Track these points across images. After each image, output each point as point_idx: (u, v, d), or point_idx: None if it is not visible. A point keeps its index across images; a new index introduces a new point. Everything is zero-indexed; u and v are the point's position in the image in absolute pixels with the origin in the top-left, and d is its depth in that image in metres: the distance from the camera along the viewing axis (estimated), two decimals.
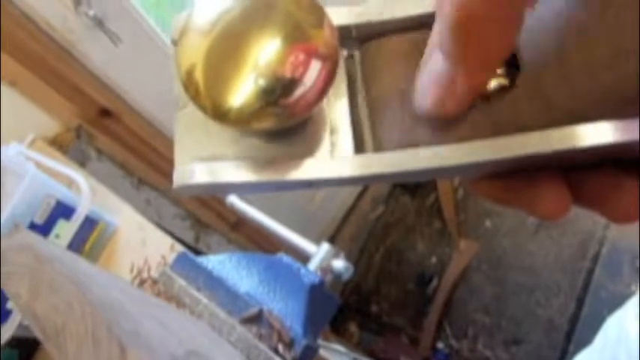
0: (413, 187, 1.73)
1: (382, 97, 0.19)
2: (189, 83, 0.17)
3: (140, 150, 1.03)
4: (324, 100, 0.18)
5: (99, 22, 0.91)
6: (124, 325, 0.27)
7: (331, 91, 0.18)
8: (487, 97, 0.18)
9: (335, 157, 0.19)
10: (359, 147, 0.19)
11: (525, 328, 1.44)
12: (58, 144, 0.89)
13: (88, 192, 0.63)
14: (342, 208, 1.63)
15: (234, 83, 0.16)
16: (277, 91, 0.16)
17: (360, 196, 1.66)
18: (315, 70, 0.16)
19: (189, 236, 1.18)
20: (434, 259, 1.62)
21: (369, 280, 1.66)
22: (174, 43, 0.19)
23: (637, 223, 0.18)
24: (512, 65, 0.18)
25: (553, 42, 0.16)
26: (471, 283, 1.54)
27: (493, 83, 0.18)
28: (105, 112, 0.97)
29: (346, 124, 0.19)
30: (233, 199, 0.61)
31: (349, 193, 1.63)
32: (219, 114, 0.17)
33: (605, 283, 1.40)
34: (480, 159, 0.16)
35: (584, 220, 1.48)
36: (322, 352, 0.60)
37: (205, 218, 1.20)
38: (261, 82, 0.16)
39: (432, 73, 0.17)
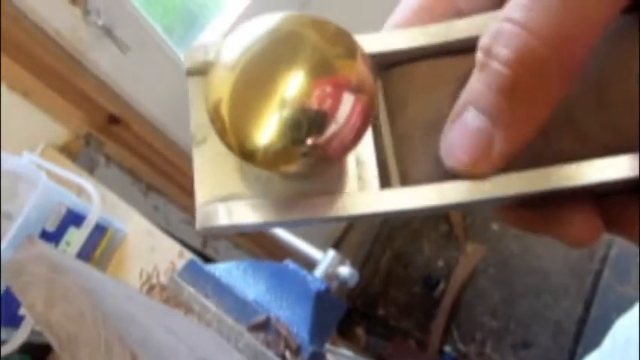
0: None
1: (408, 128, 0.18)
2: (215, 118, 0.16)
3: (148, 156, 1.05)
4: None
5: (108, 31, 0.92)
6: (135, 334, 0.28)
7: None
8: None
9: (364, 192, 0.18)
10: (385, 181, 0.18)
11: (533, 331, 1.44)
12: (67, 151, 0.90)
13: (98, 200, 0.64)
14: None
15: (260, 120, 0.15)
16: (304, 126, 0.15)
17: None
18: (347, 104, 0.15)
19: (196, 241, 1.19)
20: (441, 263, 1.62)
21: (375, 284, 1.66)
22: (190, 73, 0.18)
23: None
24: None
25: (592, 71, 0.16)
26: (478, 287, 1.54)
27: None
28: (113, 119, 0.98)
29: (371, 156, 0.18)
30: None
31: None
32: (244, 152, 0.16)
33: (614, 285, 1.40)
34: (510, 192, 0.16)
35: None
36: (329, 356, 0.61)
37: None
38: (287, 117, 0.15)
39: (467, 130, 0.16)
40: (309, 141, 0.15)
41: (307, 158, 0.15)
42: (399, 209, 0.17)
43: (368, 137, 0.18)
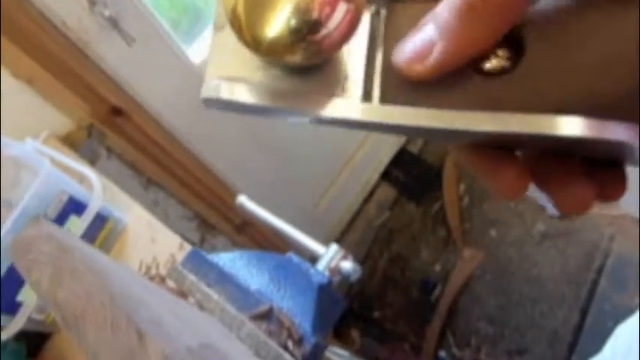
0: (418, 195, 1.73)
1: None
2: (233, 18, 0.19)
3: (149, 150, 1.04)
4: (346, 49, 0.21)
5: (113, 23, 0.92)
6: (142, 313, 0.27)
7: (353, 42, 0.21)
8: (486, 74, 0.19)
9: (346, 100, 0.21)
10: (366, 97, 0.21)
11: (529, 339, 1.44)
12: (69, 142, 0.90)
13: (99, 189, 0.64)
14: (347, 214, 1.63)
15: (270, 19, 0.19)
16: (304, 26, 0.18)
17: (366, 202, 1.67)
18: (340, 12, 0.19)
19: (194, 237, 1.19)
20: (438, 267, 1.62)
21: (372, 286, 1.66)
22: None
23: None
24: (517, 50, 0.19)
25: (558, 37, 0.18)
26: (474, 292, 1.54)
27: (495, 63, 0.19)
28: (116, 111, 0.98)
29: (360, 74, 0.21)
30: (243, 200, 0.61)
31: (355, 198, 1.64)
32: (256, 46, 0.19)
33: (610, 295, 1.40)
34: (465, 127, 0.18)
35: (590, 231, 1.48)
36: (327, 354, 0.60)
37: (211, 220, 1.21)
38: (292, 20, 0.18)
39: (418, 37, 0.19)
40: (307, 38, 0.19)
41: (304, 51, 0.19)
42: (372, 121, 0.20)
43: (361, 57, 0.22)
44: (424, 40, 0.19)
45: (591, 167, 0.20)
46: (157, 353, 0.24)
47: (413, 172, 1.71)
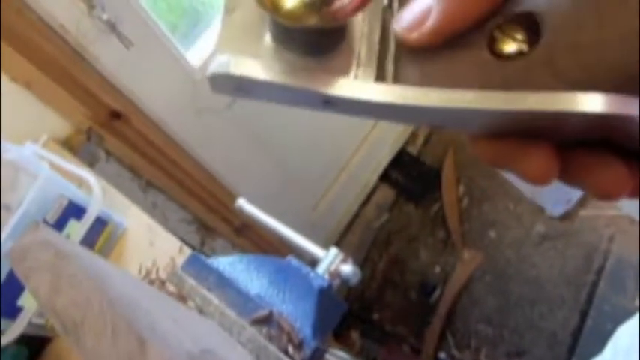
0: (417, 197, 1.73)
1: None
2: None
3: (148, 153, 1.04)
4: (359, 32, 0.21)
5: (112, 26, 0.92)
6: (142, 320, 0.27)
7: (366, 26, 0.21)
8: (503, 57, 0.19)
9: (358, 79, 0.20)
10: (379, 78, 0.21)
11: (528, 340, 1.44)
12: (68, 145, 0.90)
13: (99, 193, 0.64)
14: (346, 216, 1.63)
15: None
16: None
17: (365, 204, 1.67)
18: None
19: (194, 240, 1.19)
20: (437, 269, 1.62)
21: (372, 288, 1.66)
22: None
23: None
24: (534, 33, 0.19)
25: (572, 15, 0.17)
26: (474, 294, 1.54)
27: (512, 47, 0.19)
28: (115, 115, 0.98)
29: (373, 55, 0.21)
30: (242, 203, 0.61)
31: (354, 200, 1.64)
32: (275, 7, 0.19)
33: (609, 296, 1.40)
34: (482, 107, 0.18)
35: (589, 232, 1.48)
36: (327, 356, 0.60)
37: (211, 222, 1.21)
38: None
39: (417, 4, 0.19)
40: (323, 7, 0.18)
41: (319, 17, 0.19)
42: (386, 101, 0.19)
43: (374, 42, 0.21)
44: (421, 6, 0.19)
45: (619, 156, 0.19)
46: None
47: (412, 173, 1.71)
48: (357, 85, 0.20)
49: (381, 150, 1.64)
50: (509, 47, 0.19)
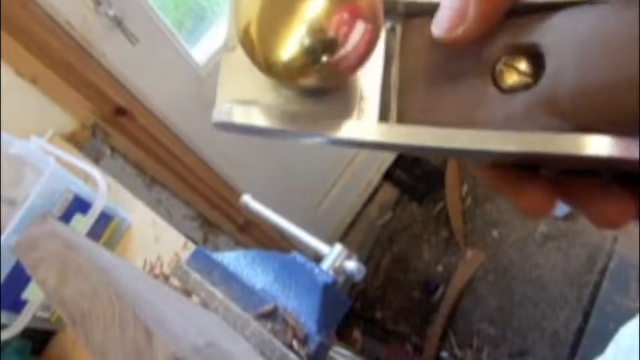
0: (421, 196, 1.73)
1: (414, 74, 0.20)
2: (245, 39, 0.18)
3: (153, 149, 1.05)
4: (361, 71, 0.20)
5: (118, 22, 0.92)
6: (149, 312, 0.27)
7: (369, 60, 0.20)
8: (507, 90, 0.19)
9: (360, 121, 0.20)
10: (383, 116, 0.20)
11: (530, 340, 1.43)
12: (74, 141, 0.90)
13: (104, 188, 0.64)
14: (350, 215, 1.63)
15: (284, 40, 0.17)
16: (320, 47, 0.17)
17: (368, 202, 1.67)
18: (358, 32, 0.17)
19: (197, 236, 1.19)
20: (440, 268, 1.62)
21: (374, 287, 1.66)
22: None
23: None
24: (539, 66, 0.18)
25: (580, 53, 0.17)
26: (476, 293, 1.54)
27: (516, 79, 0.19)
28: (120, 111, 0.98)
29: (376, 93, 0.21)
30: (247, 199, 0.61)
31: (357, 199, 1.64)
32: (269, 68, 0.18)
33: (612, 297, 1.40)
34: (484, 147, 0.18)
35: (592, 233, 1.48)
36: (330, 353, 0.60)
37: (214, 219, 1.21)
38: (307, 40, 0.17)
39: (451, 4, 0.18)
40: (323, 59, 0.18)
41: (319, 74, 0.18)
42: (390, 142, 0.19)
43: (377, 76, 0.21)
44: (458, 4, 0.18)
45: (620, 182, 0.19)
46: (165, 353, 0.24)
47: (415, 172, 1.71)
48: (361, 126, 0.19)
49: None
50: (514, 79, 0.19)
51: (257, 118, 0.20)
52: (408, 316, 1.59)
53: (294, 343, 0.39)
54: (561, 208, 1.51)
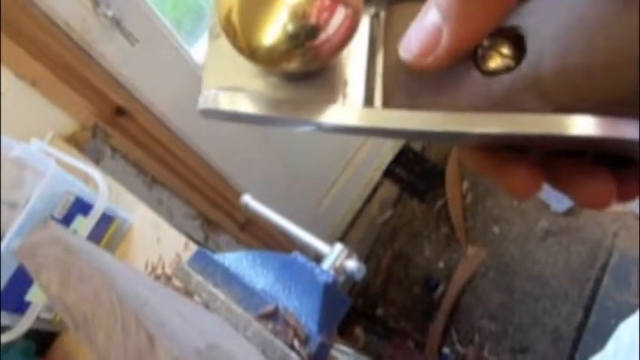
0: (421, 193, 1.73)
1: (398, 59, 0.20)
2: (227, 26, 0.18)
3: (153, 149, 1.05)
4: (345, 52, 0.20)
5: (116, 23, 0.92)
6: (150, 315, 0.28)
7: (352, 46, 0.20)
8: (489, 73, 0.19)
9: (347, 106, 0.20)
10: (368, 101, 0.21)
11: (532, 336, 1.44)
12: (74, 142, 0.90)
13: (105, 189, 0.64)
14: (350, 212, 1.64)
15: (265, 26, 0.18)
16: (303, 34, 0.18)
17: (368, 200, 1.67)
18: (339, 17, 0.18)
19: (198, 235, 1.19)
20: (441, 265, 1.62)
21: (376, 284, 1.66)
22: None
23: None
24: (520, 49, 0.18)
25: (559, 35, 0.17)
26: (478, 290, 1.54)
27: (499, 62, 0.19)
28: (120, 111, 0.98)
29: (361, 78, 0.21)
30: (247, 199, 0.61)
31: (358, 196, 1.64)
32: (252, 54, 0.19)
33: (613, 292, 1.40)
34: (470, 130, 0.18)
35: (593, 228, 1.48)
36: (332, 352, 0.61)
37: (215, 218, 1.22)
38: (290, 25, 0.18)
39: (422, 26, 0.18)
40: (305, 44, 0.18)
41: (302, 58, 0.18)
42: (375, 126, 0.19)
43: (362, 61, 0.21)
44: (429, 27, 0.18)
45: (605, 163, 0.19)
46: (167, 356, 0.24)
47: (416, 169, 1.71)
48: (346, 111, 0.20)
49: (384, 146, 1.64)
50: (496, 62, 0.19)
51: (243, 105, 0.20)
52: (409, 313, 1.60)
53: (296, 343, 0.39)
54: (562, 204, 1.51)
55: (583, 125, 0.16)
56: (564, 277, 1.47)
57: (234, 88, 0.20)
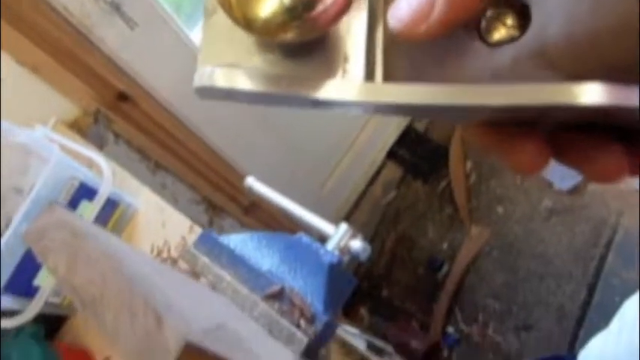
0: (425, 173, 1.73)
1: None
2: None
3: (156, 134, 1.05)
4: (345, 27, 0.20)
5: (116, 7, 0.91)
6: (157, 296, 0.28)
7: (352, 20, 0.20)
8: (493, 44, 0.18)
9: (347, 80, 0.20)
10: (369, 76, 0.20)
11: (536, 315, 1.45)
12: (77, 127, 0.90)
13: (109, 174, 0.64)
14: (354, 194, 1.64)
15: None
16: (300, 5, 0.17)
17: (372, 181, 1.67)
18: None
19: (202, 220, 1.20)
20: (445, 245, 1.63)
21: (380, 265, 1.67)
22: None
23: None
24: (525, 18, 0.18)
25: (565, 3, 0.17)
26: (482, 270, 1.55)
27: (503, 33, 0.18)
28: (122, 97, 0.98)
29: (361, 53, 0.20)
30: (251, 181, 0.61)
31: (361, 178, 1.64)
32: (248, 25, 0.18)
33: (618, 270, 1.40)
34: (475, 102, 0.17)
35: (598, 206, 1.48)
36: (338, 331, 0.61)
37: (219, 202, 1.22)
38: None
39: None
40: (303, 15, 0.18)
41: (299, 29, 0.18)
42: (377, 101, 0.19)
43: (361, 36, 0.20)
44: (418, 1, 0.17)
45: (614, 136, 0.19)
46: (174, 336, 0.25)
47: (419, 150, 1.71)
48: (344, 86, 0.19)
49: (387, 127, 1.64)
50: (500, 33, 0.18)
51: (240, 81, 0.19)
52: (413, 294, 1.61)
53: (302, 323, 0.39)
54: (566, 182, 1.50)
55: (591, 93, 0.16)
56: (568, 255, 1.47)
57: (231, 65, 0.20)
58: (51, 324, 0.66)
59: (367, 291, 1.64)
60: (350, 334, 0.72)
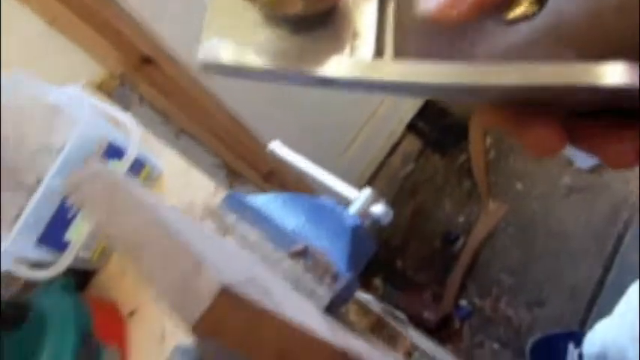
0: (444, 147, 1.72)
1: (411, 10, 0.19)
2: None
3: (179, 99, 1.06)
4: (354, 2, 0.19)
5: None
6: (194, 246, 0.29)
7: None
8: (508, 22, 0.18)
9: (355, 58, 0.19)
10: (378, 54, 0.20)
11: (549, 292, 1.45)
12: (103, 89, 0.92)
13: (138, 134, 0.66)
14: (372, 165, 1.64)
15: None
16: None
17: (391, 153, 1.67)
18: None
19: (223, 185, 1.21)
20: (461, 219, 1.63)
21: (396, 237, 1.68)
22: None
23: None
24: None
25: None
26: (497, 245, 1.55)
27: (521, 9, 0.18)
28: (146, 60, 0.98)
29: (371, 29, 0.20)
30: (275, 146, 0.62)
31: (380, 150, 1.64)
32: None
33: (634, 250, 1.39)
34: (488, 82, 0.17)
35: (618, 185, 1.46)
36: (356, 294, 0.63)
37: (239, 168, 1.23)
38: None
39: None
40: None
41: (306, 1, 0.18)
42: (386, 79, 0.18)
43: (372, 13, 0.20)
44: None
45: (630, 121, 0.18)
46: (211, 280, 0.26)
47: (439, 124, 1.69)
48: (353, 63, 0.18)
49: (408, 100, 1.62)
50: (514, 9, 0.18)
51: (245, 57, 0.19)
52: (428, 266, 1.62)
53: (325, 280, 0.41)
54: (586, 161, 1.49)
55: (615, 74, 0.15)
56: (585, 234, 1.46)
57: (237, 41, 0.19)
58: (79, 278, 0.68)
59: (382, 261, 1.66)
60: (365, 300, 0.74)
